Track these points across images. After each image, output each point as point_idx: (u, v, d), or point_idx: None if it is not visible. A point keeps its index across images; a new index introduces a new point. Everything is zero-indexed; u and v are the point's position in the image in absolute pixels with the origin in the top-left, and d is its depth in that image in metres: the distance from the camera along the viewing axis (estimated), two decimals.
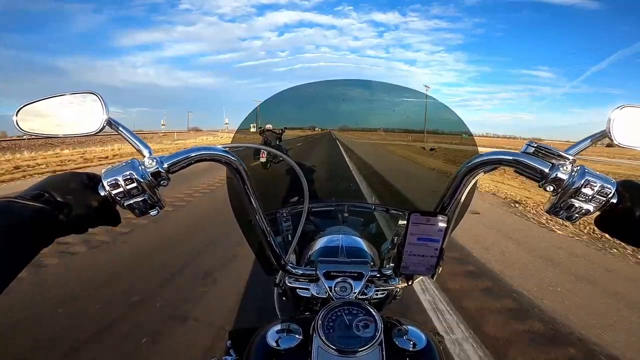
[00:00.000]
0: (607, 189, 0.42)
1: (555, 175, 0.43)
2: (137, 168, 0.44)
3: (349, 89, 1.10)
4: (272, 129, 1.18)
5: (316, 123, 1.33)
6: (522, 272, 2.73)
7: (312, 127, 1.34)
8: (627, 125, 0.46)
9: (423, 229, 0.51)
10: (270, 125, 1.16)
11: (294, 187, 0.96)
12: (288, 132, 1.25)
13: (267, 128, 1.17)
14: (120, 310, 1.94)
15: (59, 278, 2.32)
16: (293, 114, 1.19)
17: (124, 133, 0.48)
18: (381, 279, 0.64)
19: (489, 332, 1.88)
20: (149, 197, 0.45)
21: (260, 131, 1.15)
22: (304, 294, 0.65)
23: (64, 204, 0.40)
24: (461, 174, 0.50)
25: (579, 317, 2.06)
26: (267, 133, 1.17)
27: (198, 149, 0.49)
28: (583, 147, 0.47)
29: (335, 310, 0.51)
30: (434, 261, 0.53)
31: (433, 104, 0.96)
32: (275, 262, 0.62)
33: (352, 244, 0.75)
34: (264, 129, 1.16)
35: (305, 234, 0.77)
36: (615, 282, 2.61)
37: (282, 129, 1.23)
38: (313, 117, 1.25)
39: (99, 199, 0.43)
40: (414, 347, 0.49)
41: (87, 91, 0.49)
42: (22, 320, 1.82)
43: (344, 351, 0.45)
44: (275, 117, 1.16)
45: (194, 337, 1.76)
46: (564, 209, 0.45)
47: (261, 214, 0.57)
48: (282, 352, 0.48)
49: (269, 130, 1.17)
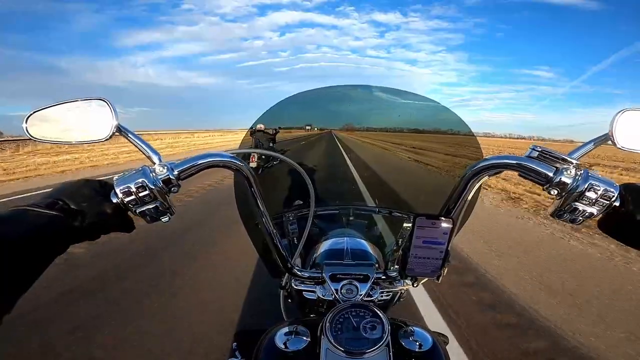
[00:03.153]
0: (610, 192, 0.43)
1: (559, 179, 0.44)
2: (149, 175, 0.44)
3: (355, 93, 1.09)
4: (265, 129, 1.09)
5: (324, 125, 1.31)
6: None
7: (320, 128, 1.31)
8: (629, 129, 0.47)
9: (428, 232, 0.52)
10: (262, 125, 1.07)
11: (289, 193, 0.96)
12: (292, 133, 1.21)
13: (258, 128, 1.07)
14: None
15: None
16: (301, 117, 1.16)
17: (133, 140, 0.49)
18: (386, 281, 0.65)
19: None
20: (161, 204, 0.45)
21: (250, 132, 1.07)
22: (310, 297, 0.66)
23: (78, 211, 0.41)
24: (466, 177, 0.51)
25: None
26: (258, 134, 1.08)
27: (207, 155, 0.49)
28: (586, 151, 0.48)
29: (342, 312, 0.51)
30: (439, 263, 0.54)
31: (439, 109, 0.96)
32: (282, 265, 0.63)
33: (357, 247, 0.76)
34: (255, 129, 1.07)
35: (311, 237, 0.78)
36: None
37: (276, 130, 1.14)
38: (321, 120, 1.22)
39: (111, 206, 0.43)
40: (420, 347, 0.49)
41: (96, 97, 0.49)
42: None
43: (352, 353, 0.46)
44: (284, 119, 1.12)
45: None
46: (568, 212, 0.46)
47: (268, 217, 0.58)
48: (291, 354, 0.49)
49: (260, 131, 1.08)
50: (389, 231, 0.92)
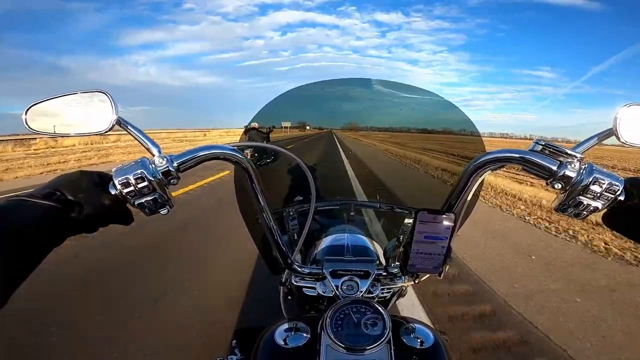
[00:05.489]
0: (615, 186, 0.43)
1: (563, 173, 0.44)
2: (148, 167, 0.44)
3: (356, 88, 1.07)
4: (259, 127, 1.09)
5: (323, 123, 1.27)
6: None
7: (320, 127, 1.28)
8: (633, 124, 0.46)
9: (430, 227, 0.52)
10: (256, 123, 1.05)
11: (287, 190, 0.95)
12: (290, 133, 1.21)
13: (252, 126, 1.05)
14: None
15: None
16: (300, 113, 1.13)
17: (133, 132, 0.48)
18: (387, 277, 0.64)
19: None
20: (160, 196, 0.45)
21: (245, 130, 1.06)
22: (310, 293, 0.66)
23: (75, 202, 0.40)
24: (469, 172, 0.50)
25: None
26: (251, 132, 1.07)
27: (207, 147, 0.49)
28: (590, 145, 0.47)
29: (343, 308, 0.51)
30: (441, 259, 0.53)
31: (443, 104, 0.94)
32: (282, 261, 0.62)
33: (358, 243, 0.75)
34: (249, 127, 1.06)
35: (311, 232, 0.77)
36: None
37: (270, 128, 1.13)
38: (320, 116, 1.19)
39: (110, 198, 0.43)
40: (422, 345, 0.49)
41: (96, 90, 0.49)
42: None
43: (352, 349, 0.45)
44: (281, 116, 1.10)
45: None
46: (572, 206, 0.45)
47: (268, 212, 0.58)
48: (291, 350, 0.48)
49: (254, 129, 1.07)
50: (391, 227, 0.91)
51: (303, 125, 1.24)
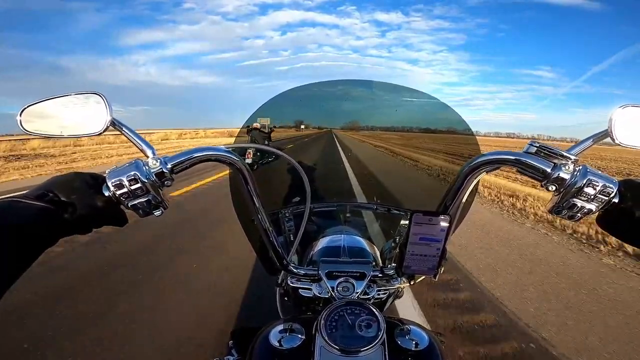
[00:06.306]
0: (609, 188, 0.43)
1: (558, 175, 0.44)
2: (141, 168, 0.44)
3: (355, 89, 1.07)
4: (260, 127, 1.08)
5: (322, 123, 1.26)
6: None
7: (318, 127, 1.27)
8: (629, 125, 0.46)
9: (425, 228, 0.51)
10: (258, 123, 1.06)
11: (286, 190, 0.95)
12: (289, 132, 1.20)
13: (254, 126, 1.06)
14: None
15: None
16: (298, 113, 1.12)
17: (127, 133, 0.48)
18: (383, 279, 0.64)
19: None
20: (153, 198, 0.45)
21: (247, 130, 1.06)
22: (306, 294, 0.66)
23: (69, 203, 0.40)
24: (463, 173, 0.50)
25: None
26: (253, 132, 1.08)
27: (201, 149, 0.48)
28: (585, 147, 0.47)
29: (337, 310, 0.51)
30: (436, 261, 0.53)
31: (438, 106, 0.94)
32: (278, 262, 0.62)
33: (354, 244, 0.75)
34: (251, 127, 1.06)
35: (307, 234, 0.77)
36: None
37: (271, 128, 1.14)
38: (319, 116, 1.18)
39: (103, 199, 0.43)
40: (417, 346, 0.49)
41: (90, 92, 0.49)
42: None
43: (346, 351, 0.45)
44: (279, 116, 1.09)
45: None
46: (566, 209, 0.45)
47: (264, 213, 0.58)
48: (285, 352, 0.48)
49: (257, 129, 1.08)
50: (387, 229, 0.91)
51: (298, 125, 1.23)
